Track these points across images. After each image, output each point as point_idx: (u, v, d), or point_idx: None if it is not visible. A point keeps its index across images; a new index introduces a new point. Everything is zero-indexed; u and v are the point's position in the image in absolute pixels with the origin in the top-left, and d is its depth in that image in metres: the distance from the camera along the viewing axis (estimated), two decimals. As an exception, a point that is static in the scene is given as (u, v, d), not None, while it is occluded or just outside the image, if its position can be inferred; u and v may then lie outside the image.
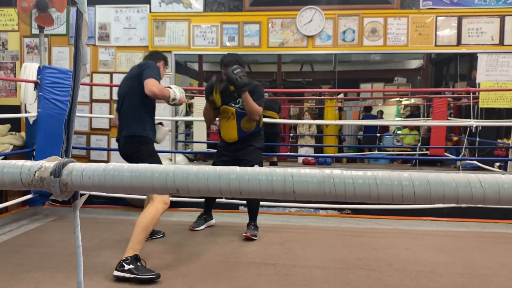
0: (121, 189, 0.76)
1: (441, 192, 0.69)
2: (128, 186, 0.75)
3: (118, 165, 0.78)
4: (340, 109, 9.09)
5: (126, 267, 2.39)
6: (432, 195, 0.69)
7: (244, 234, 3.24)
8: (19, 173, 0.77)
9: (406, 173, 0.71)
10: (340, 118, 8.74)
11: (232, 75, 3.05)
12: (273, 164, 6.10)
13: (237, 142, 3.31)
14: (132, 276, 2.37)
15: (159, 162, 2.90)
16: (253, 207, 3.44)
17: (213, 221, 3.66)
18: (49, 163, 0.78)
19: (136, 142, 2.84)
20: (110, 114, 5.05)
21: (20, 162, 0.79)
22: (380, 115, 9.35)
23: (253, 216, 3.41)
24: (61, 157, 0.81)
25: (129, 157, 2.89)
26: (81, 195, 0.84)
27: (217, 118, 3.49)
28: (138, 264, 2.43)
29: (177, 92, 2.88)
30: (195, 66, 8.73)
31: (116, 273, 2.39)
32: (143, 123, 2.86)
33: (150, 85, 2.67)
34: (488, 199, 0.68)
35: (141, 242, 2.50)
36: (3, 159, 3.80)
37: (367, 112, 9.34)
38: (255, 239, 3.23)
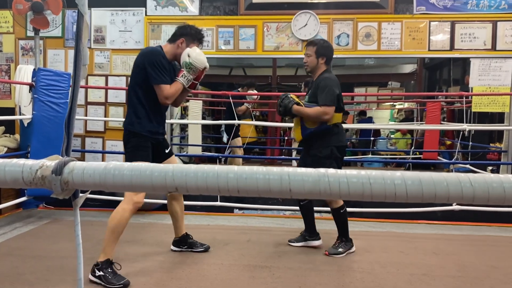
0: (121, 187, 0.77)
1: (433, 191, 0.71)
2: (128, 185, 0.76)
3: (119, 164, 0.79)
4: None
5: (97, 273, 2.40)
6: (424, 194, 0.71)
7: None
8: (20, 172, 0.78)
9: (399, 172, 0.73)
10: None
11: (278, 108, 3.07)
12: None
13: (304, 143, 3.07)
14: (101, 283, 2.39)
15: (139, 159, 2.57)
16: (337, 222, 3.06)
17: (316, 243, 3.13)
18: (50, 162, 0.79)
19: (126, 135, 2.68)
20: (105, 116, 5.05)
21: (22, 160, 0.80)
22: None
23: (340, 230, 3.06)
24: (62, 156, 0.83)
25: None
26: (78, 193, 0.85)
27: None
28: (109, 270, 2.41)
29: (188, 73, 2.60)
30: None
31: (90, 276, 2.42)
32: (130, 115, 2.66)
33: (160, 94, 2.54)
34: (478, 197, 0.70)
35: (111, 245, 2.46)
36: (-3, 161, 3.78)
37: (362, 117, 9.37)
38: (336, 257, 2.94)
